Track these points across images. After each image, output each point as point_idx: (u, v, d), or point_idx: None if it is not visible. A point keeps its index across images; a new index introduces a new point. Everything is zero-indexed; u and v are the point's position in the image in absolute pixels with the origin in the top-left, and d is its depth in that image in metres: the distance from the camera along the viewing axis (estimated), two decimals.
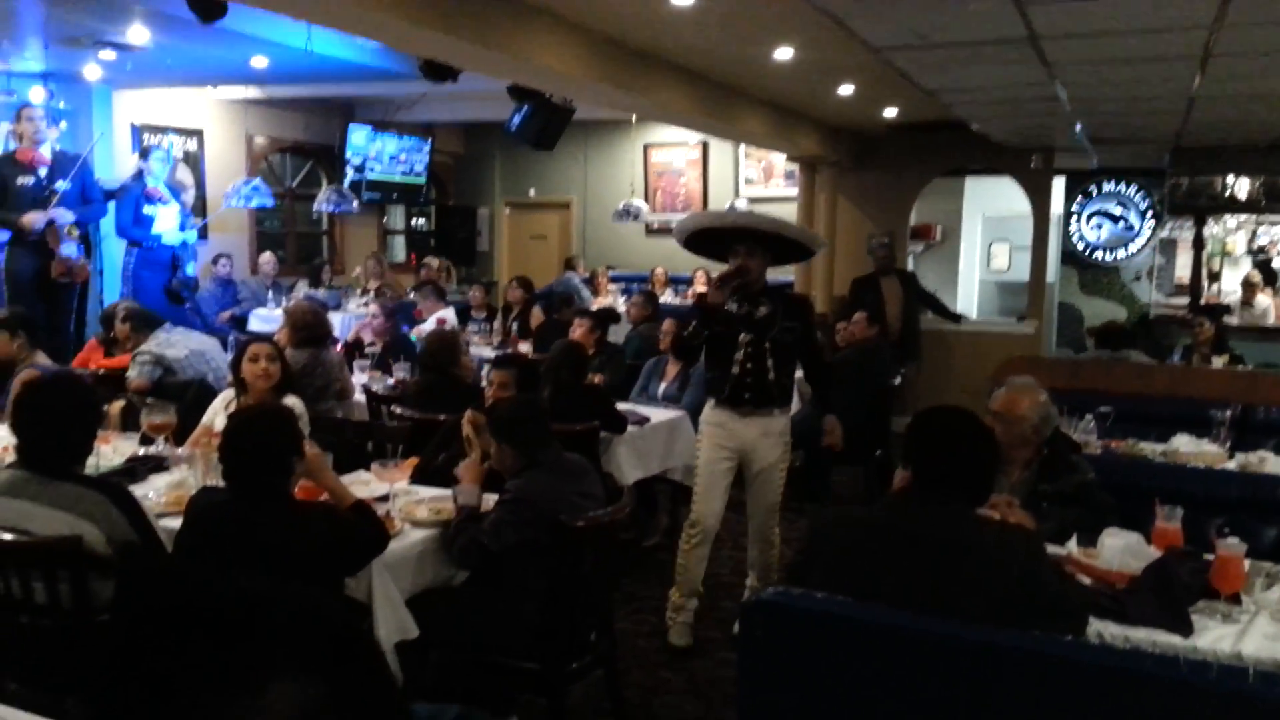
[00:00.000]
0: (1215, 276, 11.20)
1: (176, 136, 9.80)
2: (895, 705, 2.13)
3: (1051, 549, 2.74)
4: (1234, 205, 9.72)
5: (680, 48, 5.83)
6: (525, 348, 7.55)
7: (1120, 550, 2.97)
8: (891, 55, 5.21)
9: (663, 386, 6.06)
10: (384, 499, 3.51)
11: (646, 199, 12.30)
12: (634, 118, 10.97)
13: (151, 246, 8.48)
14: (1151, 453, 4.63)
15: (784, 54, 5.76)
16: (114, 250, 8.83)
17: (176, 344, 5.52)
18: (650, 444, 5.36)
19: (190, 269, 8.91)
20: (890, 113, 7.97)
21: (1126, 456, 4.55)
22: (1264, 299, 10.33)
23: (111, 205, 8.30)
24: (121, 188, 8.47)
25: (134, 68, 7.78)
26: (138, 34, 6.56)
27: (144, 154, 8.81)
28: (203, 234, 9.78)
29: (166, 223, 8.52)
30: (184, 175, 9.73)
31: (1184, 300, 10.52)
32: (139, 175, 8.57)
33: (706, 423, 4.46)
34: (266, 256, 10.12)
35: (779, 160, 11.65)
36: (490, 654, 3.24)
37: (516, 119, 7.91)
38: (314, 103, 10.73)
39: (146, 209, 8.42)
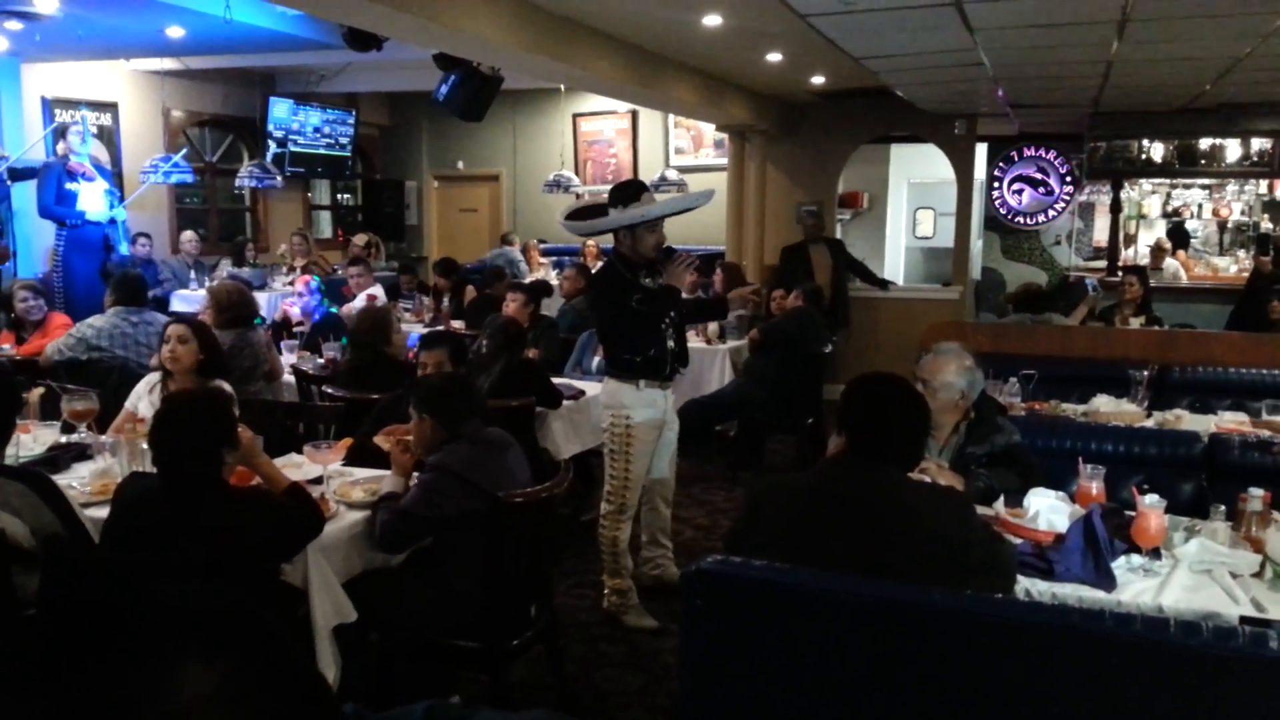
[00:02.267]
0: (1131, 239, 11.52)
1: (90, 111, 9.46)
2: (834, 669, 2.17)
3: (980, 509, 2.80)
4: (1149, 169, 9.99)
5: (608, 15, 5.79)
6: (457, 324, 7.49)
7: (1046, 509, 3.06)
8: (817, 21, 5.23)
9: (597, 360, 6.05)
10: (318, 481, 3.47)
11: (577, 170, 12.23)
12: (563, 87, 10.87)
13: (78, 224, 8.21)
14: (1073, 413, 4.76)
15: (712, 21, 5.75)
16: (26, 230, 8.53)
17: (101, 327, 5.37)
18: (586, 418, 5.35)
19: (124, 249, 8.65)
20: (818, 80, 8.01)
21: (1049, 417, 4.67)
22: (1173, 262, 10.69)
23: (30, 185, 8.03)
24: (43, 165, 8.18)
25: (42, 39, 7.49)
26: (45, 3, 6.31)
27: (61, 131, 8.51)
28: None
29: (91, 200, 8.25)
30: (98, 151, 9.42)
31: (1102, 264, 10.80)
32: (60, 152, 8.30)
33: (638, 406, 4.29)
34: (188, 235, 9.86)
35: (708, 130, 11.66)
36: (430, 634, 3.23)
37: (443, 89, 7.79)
38: (234, 74, 10.45)
39: (69, 185, 8.14)
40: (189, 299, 8.80)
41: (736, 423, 6.91)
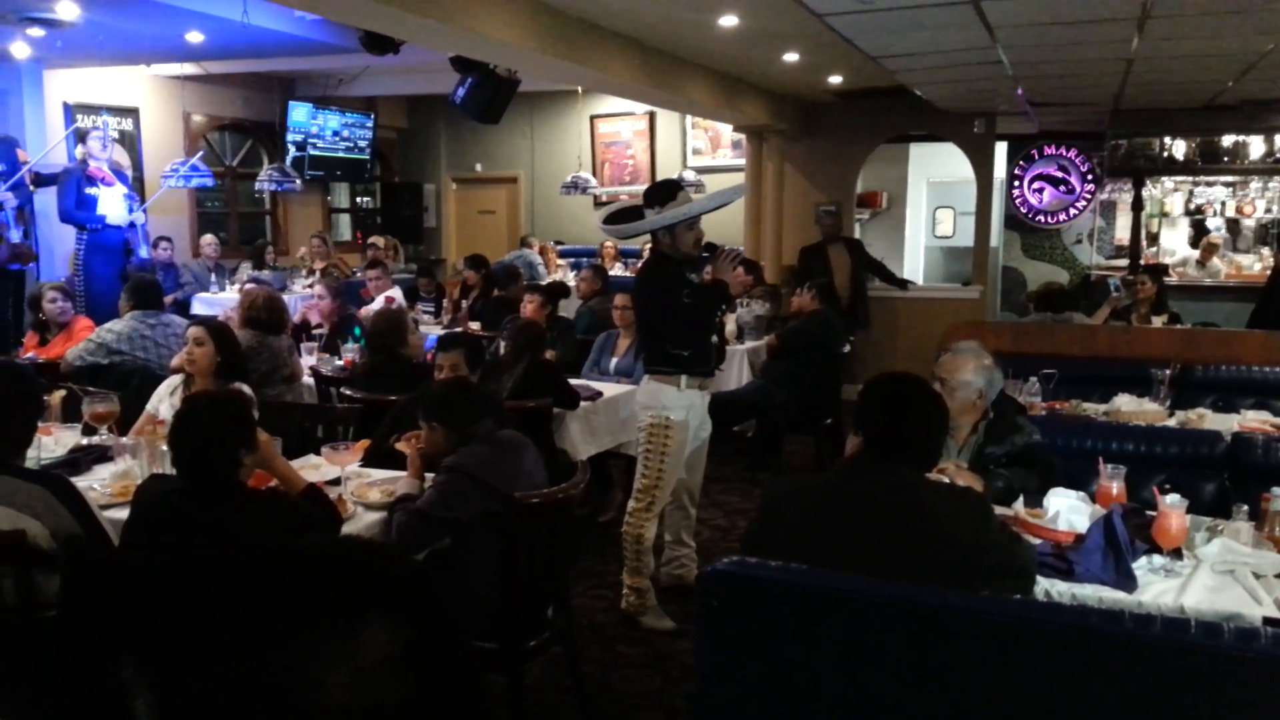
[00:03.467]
0: (1154, 238, 11.42)
1: (111, 116, 9.55)
2: (852, 670, 2.15)
3: (999, 510, 2.78)
4: (1171, 167, 9.91)
5: (625, 16, 5.79)
6: (475, 326, 7.50)
7: (1066, 509, 3.03)
8: (834, 20, 5.21)
9: (614, 361, 6.05)
10: (335, 482, 3.48)
11: (594, 172, 12.23)
12: (580, 89, 10.88)
13: (98, 229, 8.28)
14: (1094, 413, 4.73)
15: (728, 21, 5.74)
16: (49, 234, 8.61)
17: (121, 331, 5.41)
18: (603, 419, 5.35)
19: (144, 252, 8.71)
20: (835, 80, 7.98)
21: (1070, 417, 4.64)
22: (1217, 262, 10.60)
23: (52, 190, 8.10)
24: (64, 170, 8.26)
25: (64, 45, 7.56)
26: (67, 9, 6.37)
27: (81, 136, 8.58)
28: None
29: (111, 205, 8.32)
30: (120, 156, 9.49)
31: (1124, 262, 10.71)
32: (79, 157, 8.37)
33: (677, 406, 4.31)
34: (208, 238, 9.92)
35: (726, 130, 11.64)
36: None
37: (461, 92, 7.81)
38: (253, 78, 10.52)
39: (89, 190, 8.21)
40: (210, 302, 8.86)
41: (754, 423, 6.89)
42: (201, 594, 0.84)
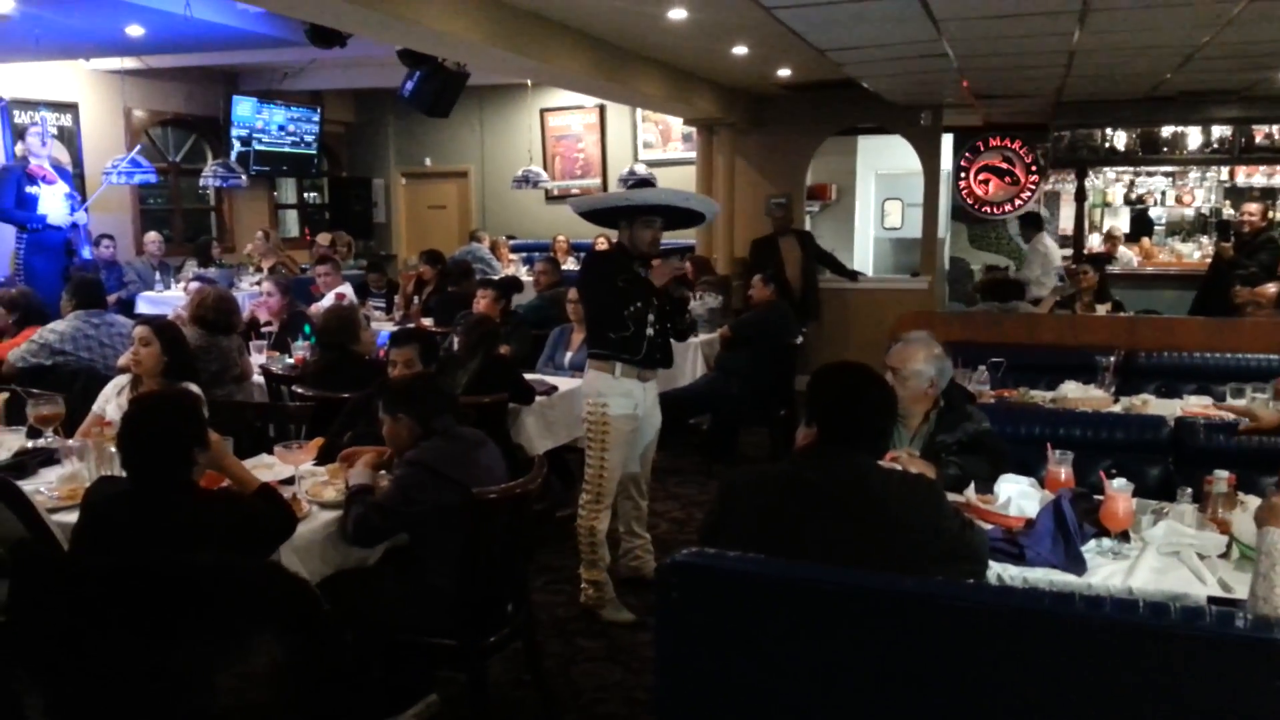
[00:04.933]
0: (1096, 227, 11.64)
1: (49, 111, 9.32)
2: (810, 658, 2.18)
3: (951, 496, 2.83)
4: (1113, 157, 10.12)
5: (573, 9, 5.77)
6: (427, 322, 7.44)
7: (1016, 495, 3.09)
8: (781, 14, 5.24)
9: (569, 355, 6.04)
10: (289, 482, 3.44)
11: (545, 166, 12.18)
12: (529, 83, 10.83)
13: (38, 228, 8.09)
14: (1042, 400, 4.81)
15: (677, 14, 5.74)
16: None
17: (64, 331, 5.30)
18: (559, 413, 5.35)
19: (86, 252, 8.53)
20: (784, 73, 8.03)
21: (1018, 404, 4.72)
22: (1126, 251, 10.94)
23: None
24: (3, 169, 8.05)
25: (0, 39, 7.38)
26: (2, 2, 6.20)
27: (20, 133, 8.36)
28: None
29: (52, 204, 8.12)
30: (59, 152, 9.28)
31: (1068, 252, 10.90)
32: (19, 155, 8.17)
33: (614, 395, 4.35)
34: (152, 236, 9.74)
35: (676, 123, 11.66)
36: (407, 632, 3.21)
37: (409, 85, 7.73)
38: (196, 72, 10.34)
39: (29, 189, 8.01)
40: (155, 301, 8.70)
41: (709, 416, 6.93)
42: (116, 597, 0.86)
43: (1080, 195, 10.52)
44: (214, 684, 0.69)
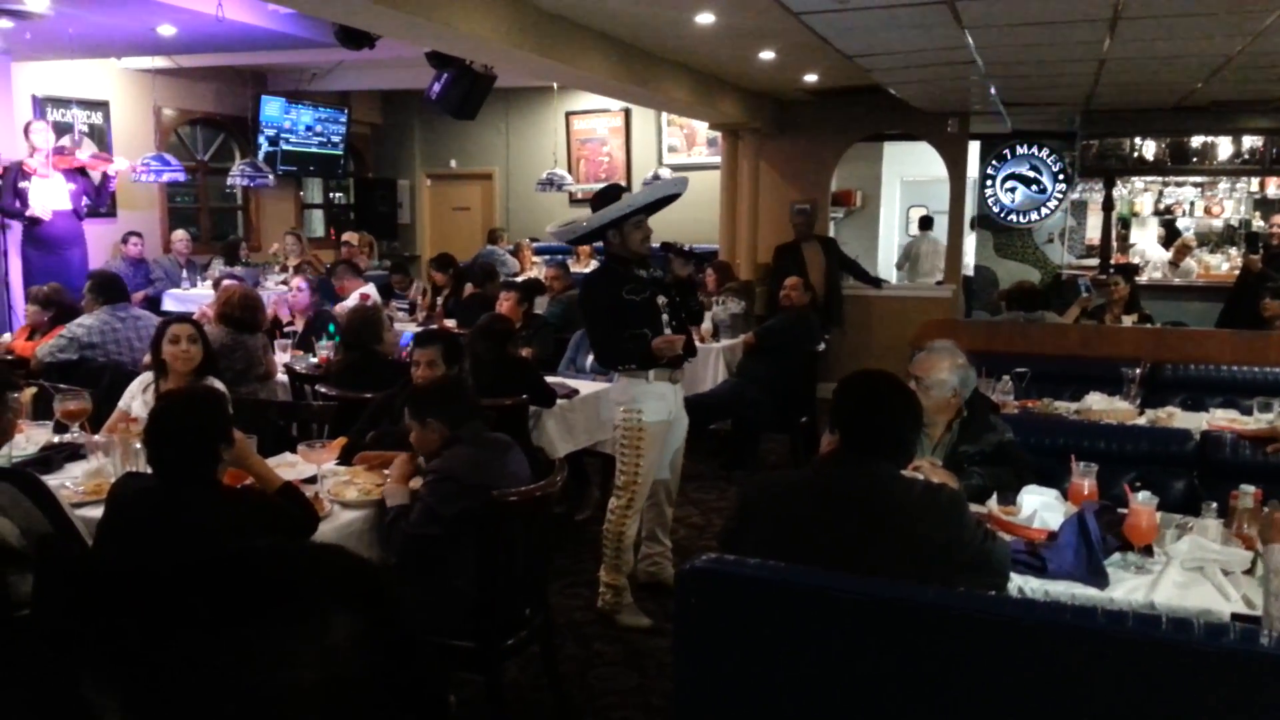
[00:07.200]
0: (1123, 237, 11.54)
1: (80, 109, 9.42)
2: (828, 666, 2.17)
3: (973, 507, 2.81)
4: (1142, 167, 10.03)
5: (601, 12, 5.78)
6: (451, 324, 7.47)
7: (1040, 507, 3.07)
8: (810, 19, 5.23)
9: (590, 359, 6.05)
10: (312, 480, 3.46)
11: (569, 169, 12.20)
12: (555, 86, 10.86)
13: (26, 223, 8.13)
14: (1066, 411, 4.77)
15: (705, 19, 5.75)
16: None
17: (92, 325, 5.36)
18: (579, 417, 5.35)
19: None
20: (811, 78, 8.01)
21: (1042, 415, 4.68)
22: (1190, 262, 10.72)
23: None
24: (7, 165, 8.12)
25: (34, 37, 7.46)
26: (37, 1, 6.28)
27: (25, 129, 8.41)
28: (111, 211, 9.45)
29: (43, 197, 8.11)
30: (88, 149, 9.37)
31: (1094, 262, 10.82)
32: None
33: (649, 399, 4.34)
34: (179, 234, 9.82)
35: (701, 128, 11.64)
36: (425, 634, 3.22)
37: (436, 87, 7.76)
38: (225, 72, 10.41)
39: (22, 184, 8.05)
40: (181, 299, 8.77)
41: (730, 421, 6.92)
42: (178, 592, 0.89)
43: (1108, 205, 10.44)
44: (298, 659, 0.74)
